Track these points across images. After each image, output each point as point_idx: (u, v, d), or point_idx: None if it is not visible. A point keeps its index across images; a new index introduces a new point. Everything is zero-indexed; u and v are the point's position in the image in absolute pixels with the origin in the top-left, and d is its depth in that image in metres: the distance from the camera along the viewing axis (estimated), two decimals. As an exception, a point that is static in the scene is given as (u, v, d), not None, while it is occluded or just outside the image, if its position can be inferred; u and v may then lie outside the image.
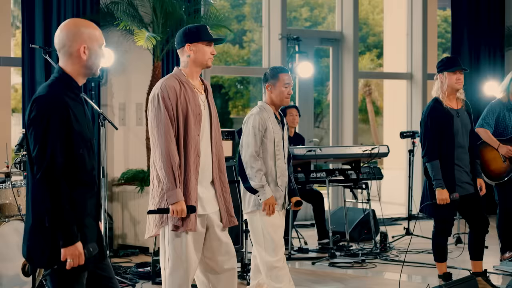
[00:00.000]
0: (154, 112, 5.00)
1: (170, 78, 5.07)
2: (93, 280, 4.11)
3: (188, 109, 5.01)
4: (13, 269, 6.33)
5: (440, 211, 6.82)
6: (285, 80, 6.03)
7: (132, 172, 9.11)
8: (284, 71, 6.11)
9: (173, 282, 5.06)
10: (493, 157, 7.92)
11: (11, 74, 9.30)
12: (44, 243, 3.90)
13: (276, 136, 6.00)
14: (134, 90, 9.53)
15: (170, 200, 4.91)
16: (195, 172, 5.03)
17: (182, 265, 5.02)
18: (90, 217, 4.01)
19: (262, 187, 5.87)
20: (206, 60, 5.14)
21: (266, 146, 5.98)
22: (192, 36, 5.09)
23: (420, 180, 11.86)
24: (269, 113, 6.03)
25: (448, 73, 6.85)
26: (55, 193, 3.80)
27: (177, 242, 5.01)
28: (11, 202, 6.68)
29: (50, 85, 3.96)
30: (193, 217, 4.98)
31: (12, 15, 9.88)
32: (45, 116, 3.82)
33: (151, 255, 8.25)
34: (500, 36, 12.60)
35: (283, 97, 6.04)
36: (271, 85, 6.06)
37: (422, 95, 12.28)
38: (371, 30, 19.67)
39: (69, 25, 4.06)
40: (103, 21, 8.91)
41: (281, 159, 6.02)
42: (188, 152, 5.00)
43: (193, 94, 5.09)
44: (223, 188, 5.23)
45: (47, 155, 3.80)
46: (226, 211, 5.22)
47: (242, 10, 14.78)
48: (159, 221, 5.06)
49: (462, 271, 7.72)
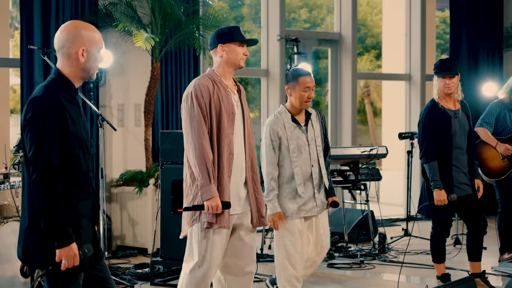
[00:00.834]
0: (187, 110, 5.06)
1: (204, 77, 5.13)
2: (89, 281, 4.11)
3: (221, 108, 5.05)
4: (11, 270, 6.33)
5: (438, 212, 6.82)
6: (305, 84, 5.86)
7: (130, 173, 9.10)
8: (305, 74, 5.91)
9: (191, 279, 5.08)
10: (492, 155, 7.95)
11: (9, 75, 9.28)
12: (40, 244, 3.90)
13: (292, 143, 5.84)
14: (132, 91, 9.53)
15: (204, 196, 4.95)
16: (228, 170, 5.07)
17: (205, 264, 5.05)
18: (85, 218, 4.01)
19: (268, 201, 5.77)
20: (238, 60, 5.19)
21: (283, 155, 5.85)
22: (225, 37, 5.16)
23: (418, 181, 11.86)
24: (286, 119, 5.88)
25: (438, 77, 6.87)
26: (51, 193, 3.80)
27: (204, 241, 5.05)
28: (9, 203, 6.69)
29: (46, 86, 3.96)
30: (227, 214, 5.01)
31: (11, 16, 9.88)
32: (42, 117, 3.82)
33: (149, 256, 8.26)
34: (499, 37, 12.60)
35: (302, 101, 5.87)
36: (291, 88, 5.91)
37: (420, 96, 12.28)
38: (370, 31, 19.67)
39: (69, 27, 4.06)
40: (101, 22, 8.91)
41: (300, 165, 5.84)
42: (221, 149, 5.04)
43: (226, 93, 5.13)
44: (255, 188, 5.26)
45: (43, 155, 3.80)
46: (257, 211, 5.26)
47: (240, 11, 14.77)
48: (191, 219, 5.11)
49: (460, 272, 7.72)
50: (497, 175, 7.98)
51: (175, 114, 9.68)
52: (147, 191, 8.83)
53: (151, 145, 9.30)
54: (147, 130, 9.20)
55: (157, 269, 7.68)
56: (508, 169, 7.93)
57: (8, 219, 6.45)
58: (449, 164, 6.79)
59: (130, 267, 7.98)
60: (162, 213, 7.56)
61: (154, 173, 8.89)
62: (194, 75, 9.83)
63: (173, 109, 9.66)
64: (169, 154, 7.51)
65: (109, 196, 9.13)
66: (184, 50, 9.66)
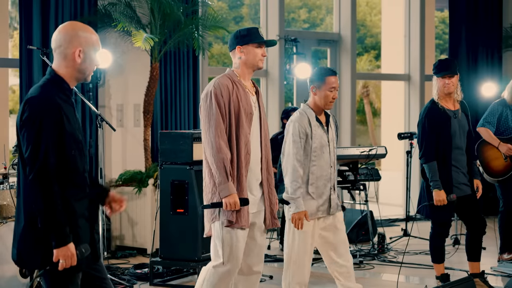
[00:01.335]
0: (206, 108, 5.09)
1: (223, 77, 5.17)
2: (87, 281, 4.11)
3: (240, 107, 5.10)
4: (10, 271, 6.33)
5: (437, 212, 6.83)
6: (331, 84, 5.77)
7: (129, 173, 9.10)
8: (331, 73, 5.82)
9: (215, 274, 5.09)
10: (495, 155, 7.96)
11: (8, 75, 9.29)
12: (35, 245, 3.90)
13: (315, 142, 5.75)
14: (132, 91, 9.53)
15: (222, 193, 4.98)
16: (245, 169, 5.12)
17: (232, 260, 5.08)
18: (82, 218, 4.00)
19: (293, 199, 5.64)
20: (256, 61, 5.23)
21: (307, 153, 5.75)
22: (243, 38, 5.22)
23: (418, 181, 11.85)
24: (310, 117, 5.80)
25: (437, 77, 6.87)
26: (48, 193, 3.79)
27: (229, 237, 5.07)
28: (8, 204, 6.69)
29: (42, 86, 3.96)
30: (246, 212, 5.05)
31: (10, 16, 9.88)
32: (38, 117, 3.81)
33: (148, 257, 8.26)
34: (498, 37, 12.60)
35: (327, 101, 5.78)
36: (316, 87, 5.83)
37: (419, 97, 12.28)
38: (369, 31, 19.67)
39: (67, 27, 4.06)
40: (101, 22, 8.90)
41: (317, 165, 5.74)
42: (239, 148, 5.08)
43: (245, 93, 5.18)
44: (270, 189, 5.30)
45: (39, 155, 3.79)
46: (270, 212, 5.29)
47: (240, 11, 14.77)
48: (211, 217, 5.13)
49: (459, 272, 7.73)
50: (499, 175, 7.99)
51: (174, 114, 9.67)
52: (146, 191, 8.83)
53: (150, 145, 9.29)
54: (146, 130, 9.20)
55: (156, 269, 7.68)
56: (511, 169, 7.94)
57: (7, 219, 6.45)
58: (448, 165, 6.79)
59: (129, 267, 7.98)
60: (161, 213, 7.56)
61: (153, 173, 8.89)
62: (193, 75, 9.83)
63: (172, 109, 9.66)
64: (168, 154, 7.52)
65: (108, 197, 9.11)
66: (183, 50, 9.66)
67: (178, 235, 7.44)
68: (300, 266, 5.70)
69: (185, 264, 7.52)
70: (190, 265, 7.46)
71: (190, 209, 7.39)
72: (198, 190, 7.39)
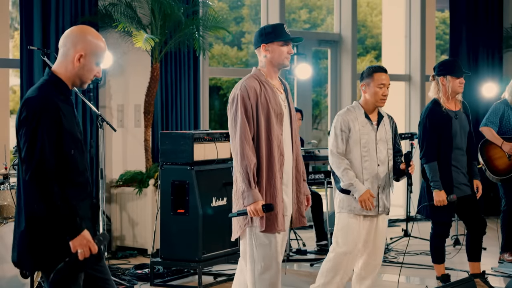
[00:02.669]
0: (232, 113, 4.99)
1: (250, 79, 5.05)
2: (90, 281, 4.11)
3: (269, 109, 4.98)
4: (11, 271, 6.33)
5: (437, 212, 6.83)
6: (380, 80, 5.84)
7: (130, 174, 9.10)
8: (380, 70, 5.90)
9: (264, 282, 4.99)
10: (498, 154, 7.96)
11: (9, 75, 9.28)
12: (36, 247, 3.89)
13: (363, 137, 5.81)
14: (132, 91, 9.53)
15: (246, 201, 4.90)
16: (280, 172, 5.01)
17: (274, 265, 4.99)
18: (85, 219, 4.00)
19: (352, 185, 5.74)
20: (282, 60, 5.11)
21: (351, 148, 5.81)
22: (268, 36, 5.08)
23: (418, 181, 11.84)
24: (358, 114, 5.85)
25: (452, 77, 6.85)
26: (46, 192, 3.79)
27: (266, 242, 4.98)
28: (9, 204, 6.69)
29: (39, 87, 3.96)
30: (281, 217, 4.98)
31: (11, 16, 9.88)
32: (35, 116, 3.81)
33: (149, 257, 8.25)
34: (499, 37, 12.60)
35: (378, 98, 5.85)
36: (366, 85, 5.88)
37: (420, 97, 12.28)
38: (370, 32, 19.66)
39: (78, 29, 4.05)
40: (101, 23, 8.91)
41: (369, 161, 5.83)
42: (272, 151, 4.97)
43: (274, 93, 5.05)
44: (298, 188, 5.21)
45: (36, 155, 3.78)
46: (297, 211, 5.21)
47: (240, 12, 14.76)
48: (243, 222, 5.02)
49: (460, 272, 7.72)
50: (503, 174, 7.99)
51: (175, 114, 9.67)
52: (147, 191, 8.83)
53: (151, 145, 9.29)
54: (147, 131, 9.20)
55: (156, 269, 7.68)
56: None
57: (8, 219, 6.45)
58: (449, 165, 6.79)
59: (129, 267, 7.98)
60: (161, 214, 7.56)
61: (154, 173, 8.89)
62: (194, 75, 9.83)
63: (173, 109, 9.66)
64: (169, 154, 7.52)
65: (108, 197, 9.13)
66: (184, 51, 9.66)
67: (178, 235, 7.44)
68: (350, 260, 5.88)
69: (185, 265, 7.52)
70: (191, 266, 7.46)
71: (190, 209, 7.39)
72: (199, 190, 7.40)
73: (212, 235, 7.50)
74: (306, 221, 5.33)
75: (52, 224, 3.85)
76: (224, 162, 7.84)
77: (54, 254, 3.87)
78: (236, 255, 7.75)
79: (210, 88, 10.35)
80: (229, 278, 7.72)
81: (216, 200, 7.60)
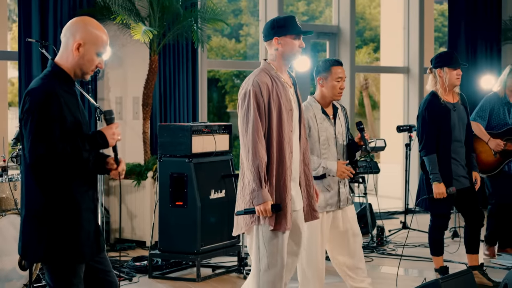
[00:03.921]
0: (243, 110, 4.85)
1: (261, 74, 4.92)
2: (90, 273, 4.11)
3: (281, 105, 4.88)
4: (10, 263, 6.34)
5: (436, 205, 6.83)
6: (337, 74, 5.77)
7: (129, 166, 9.10)
8: (337, 64, 5.84)
9: (268, 280, 4.92)
10: (485, 150, 7.95)
11: (7, 68, 9.28)
12: (37, 236, 3.90)
13: (322, 134, 5.74)
14: (130, 84, 9.52)
15: (255, 200, 4.79)
16: (290, 169, 4.92)
17: (278, 262, 4.92)
18: (88, 211, 4.01)
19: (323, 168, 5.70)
20: (294, 53, 5.05)
21: (312, 146, 5.72)
22: (280, 29, 5.00)
23: (417, 174, 11.86)
24: (316, 110, 5.78)
25: (449, 68, 6.84)
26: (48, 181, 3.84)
27: (273, 240, 4.90)
28: (7, 196, 6.69)
29: (42, 78, 3.96)
30: (289, 216, 4.89)
31: (9, 9, 9.86)
32: (38, 107, 3.81)
33: (148, 249, 8.26)
34: (497, 30, 12.59)
35: (336, 92, 5.76)
36: (323, 79, 5.81)
37: (419, 89, 12.28)
38: (368, 24, 19.66)
39: (80, 19, 4.05)
40: (99, 15, 8.89)
41: (329, 157, 5.76)
42: (283, 149, 4.88)
43: (284, 89, 4.96)
44: (307, 182, 5.12)
45: (39, 144, 3.79)
46: (308, 205, 5.13)
47: (238, 4, 14.75)
48: (250, 220, 4.94)
49: (458, 264, 7.73)
50: (489, 170, 7.99)
51: (173, 107, 9.67)
52: (145, 184, 8.83)
53: (149, 138, 9.29)
54: (145, 123, 9.19)
55: (155, 262, 7.69)
56: (500, 164, 7.95)
57: (6, 212, 6.45)
58: (448, 157, 6.79)
59: (128, 260, 7.99)
60: (160, 206, 7.56)
61: (152, 166, 8.89)
62: (192, 68, 9.82)
63: (171, 102, 9.65)
64: (167, 147, 7.52)
65: (107, 189, 9.13)
66: (182, 43, 9.65)
67: (177, 227, 7.45)
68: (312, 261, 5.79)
69: (184, 257, 7.53)
70: (189, 258, 7.46)
71: (189, 201, 7.39)
72: (197, 182, 7.40)
73: (210, 228, 7.50)
74: (319, 215, 5.26)
75: (52, 215, 3.86)
76: (222, 154, 7.84)
77: (54, 245, 3.88)
78: (234, 247, 7.76)
79: (209, 80, 10.35)
80: (228, 271, 7.73)
81: (215, 192, 7.59)
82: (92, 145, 3.95)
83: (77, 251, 3.94)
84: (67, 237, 3.89)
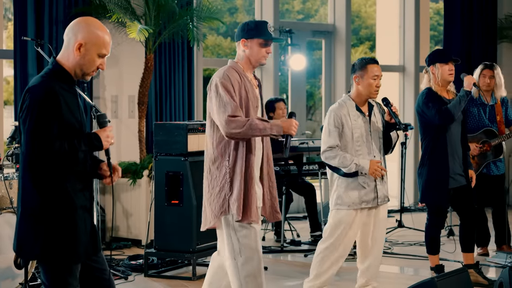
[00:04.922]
0: (217, 98, 4.87)
1: (230, 69, 4.98)
2: (87, 272, 4.11)
3: (248, 101, 4.95)
4: (5, 262, 6.33)
5: (435, 195, 6.81)
6: (374, 72, 5.85)
7: (124, 165, 9.09)
8: (373, 62, 5.91)
9: (248, 272, 4.94)
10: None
11: (3, 66, 9.26)
12: (33, 234, 3.90)
13: (356, 131, 5.83)
14: (126, 82, 9.51)
15: (276, 129, 4.88)
16: (257, 165, 5.02)
17: (255, 254, 4.95)
18: (83, 210, 4.01)
19: (355, 165, 5.77)
20: (259, 58, 5.05)
21: (345, 143, 5.81)
22: (250, 32, 5.02)
23: (412, 172, 11.88)
24: (350, 108, 5.86)
25: (441, 64, 6.83)
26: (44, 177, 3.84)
27: (247, 231, 4.93)
28: (3, 195, 6.68)
29: (42, 76, 3.97)
30: (255, 208, 4.94)
31: (4, 7, 9.85)
32: (37, 105, 3.82)
33: (143, 248, 8.26)
34: (493, 28, 12.60)
35: (372, 90, 5.86)
36: (359, 77, 5.89)
37: (414, 88, 12.29)
38: (364, 22, 19.66)
39: (84, 20, 4.06)
40: (95, 13, 8.88)
41: (363, 154, 5.85)
42: (251, 144, 4.95)
43: (251, 86, 5.03)
44: (271, 183, 5.17)
45: (36, 142, 3.80)
46: (271, 206, 5.17)
47: (234, 2, 14.74)
48: (219, 211, 4.97)
49: (454, 263, 7.74)
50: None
51: (169, 105, 9.67)
52: (141, 182, 8.83)
53: (145, 136, 9.29)
54: (141, 122, 9.19)
55: (151, 260, 7.68)
56: (479, 167, 7.94)
57: (1, 210, 6.45)
58: (445, 153, 6.78)
59: (124, 258, 7.98)
60: (156, 205, 7.56)
61: (148, 164, 8.88)
62: (188, 66, 9.82)
63: (167, 100, 9.65)
64: (163, 145, 7.51)
65: (102, 188, 9.12)
66: (178, 42, 9.64)
67: (172, 226, 7.44)
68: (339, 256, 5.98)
69: (179, 255, 7.52)
70: (185, 256, 7.46)
71: (184, 200, 7.39)
72: (193, 181, 7.40)
73: (206, 226, 7.49)
74: (281, 216, 5.29)
75: (48, 214, 3.87)
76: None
77: (50, 243, 3.88)
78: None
79: (204, 79, 10.34)
80: (223, 269, 7.74)
81: (210, 191, 7.58)
82: (88, 146, 3.94)
83: (73, 250, 3.94)
84: (63, 236, 3.89)
